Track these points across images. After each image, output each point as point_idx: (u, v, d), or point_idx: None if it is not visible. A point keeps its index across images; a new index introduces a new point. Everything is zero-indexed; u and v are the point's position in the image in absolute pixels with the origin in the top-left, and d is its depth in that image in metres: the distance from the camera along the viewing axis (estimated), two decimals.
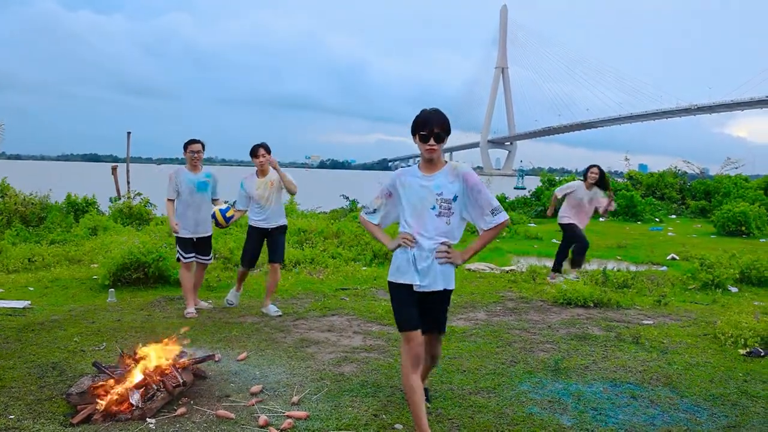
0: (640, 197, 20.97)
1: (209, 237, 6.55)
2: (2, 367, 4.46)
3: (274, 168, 6.18)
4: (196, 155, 6.36)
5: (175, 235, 6.38)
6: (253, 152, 6.18)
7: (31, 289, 7.47)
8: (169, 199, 6.39)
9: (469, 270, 9.41)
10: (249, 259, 6.38)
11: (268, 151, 6.20)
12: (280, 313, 6.26)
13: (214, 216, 6.21)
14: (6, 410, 3.70)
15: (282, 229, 6.35)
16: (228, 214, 6.18)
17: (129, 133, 16.72)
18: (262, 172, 6.21)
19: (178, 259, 6.40)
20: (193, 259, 6.40)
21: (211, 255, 6.80)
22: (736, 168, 25.70)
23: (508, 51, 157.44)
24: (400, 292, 3.34)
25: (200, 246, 6.45)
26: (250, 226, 6.28)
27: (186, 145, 6.38)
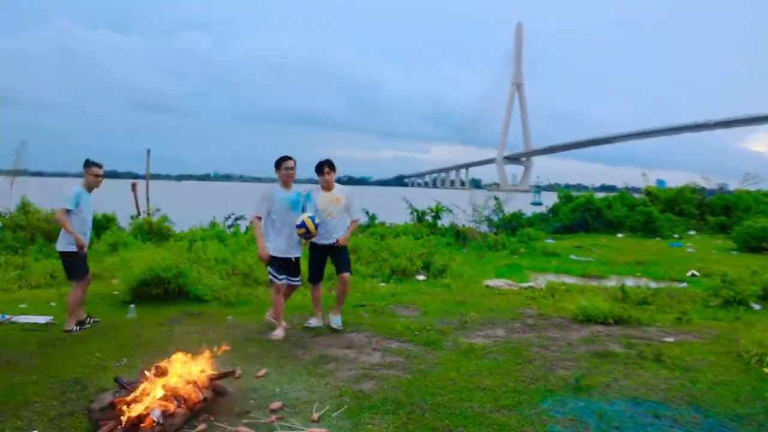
0: (658, 213, 20.81)
1: (299, 259, 6.29)
2: (25, 382, 4.52)
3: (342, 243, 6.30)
4: (290, 172, 6.14)
5: (271, 254, 6.01)
6: (319, 169, 6.27)
7: (53, 304, 7.55)
8: (258, 217, 6.08)
9: (487, 287, 9.37)
10: (316, 275, 6.39)
11: (333, 168, 6.28)
12: (341, 327, 6.32)
13: (303, 224, 5.87)
14: (29, 425, 3.75)
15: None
16: (317, 221, 5.96)
17: (149, 150, 16.96)
18: (326, 188, 6.31)
19: (271, 281, 6.14)
20: (286, 281, 6.12)
21: (300, 276, 6.40)
22: (756, 183, 25.46)
23: (524, 67, 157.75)
24: None
25: (292, 268, 6.19)
26: (312, 243, 6.25)
27: (279, 162, 6.15)
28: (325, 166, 6.27)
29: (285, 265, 6.11)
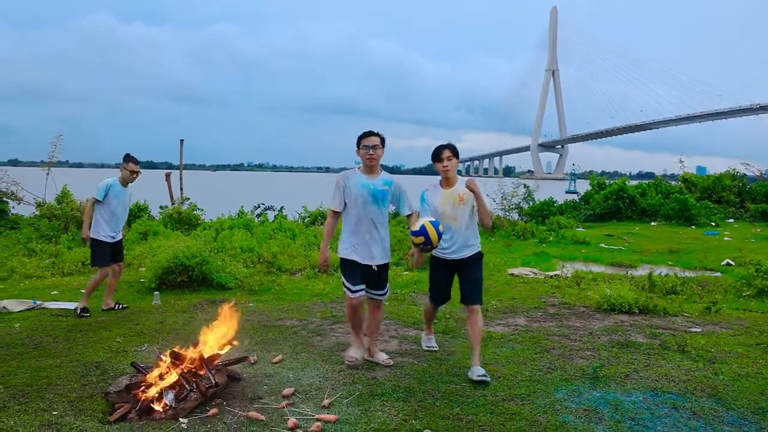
0: (694, 200, 20.26)
1: (386, 266, 4.85)
2: (50, 366, 4.64)
3: (474, 191, 4.54)
4: (370, 153, 4.67)
5: (341, 257, 4.73)
6: (436, 156, 4.67)
7: (83, 291, 7.73)
8: (333, 211, 4.81)
9: (512, 275, 9.27)
10: (437, 296, 4.92)
11: (455, 154, 4.67)
12: (486, 380, 4.37)
13: (424, 231, 4.40)
14: (50, 406, 3.85)
15: (477, 257, 4.76)
16: (440, 228, 4.49)
17: (182, 140, 17.23)
18: (446, 182, 4.72)
19: (345, 292, 4.78)
20: (362, 293, 4.72)
21: (387, 288, 4.90)
22: None
23: (559, 53, 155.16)
24: None
25: (373, 277, 4.74)
26: (433, 256, 4.82)
27: (359, 140, 4.73)
28: (445, 151, 4.63)
29: (361, 273, 4.70)
